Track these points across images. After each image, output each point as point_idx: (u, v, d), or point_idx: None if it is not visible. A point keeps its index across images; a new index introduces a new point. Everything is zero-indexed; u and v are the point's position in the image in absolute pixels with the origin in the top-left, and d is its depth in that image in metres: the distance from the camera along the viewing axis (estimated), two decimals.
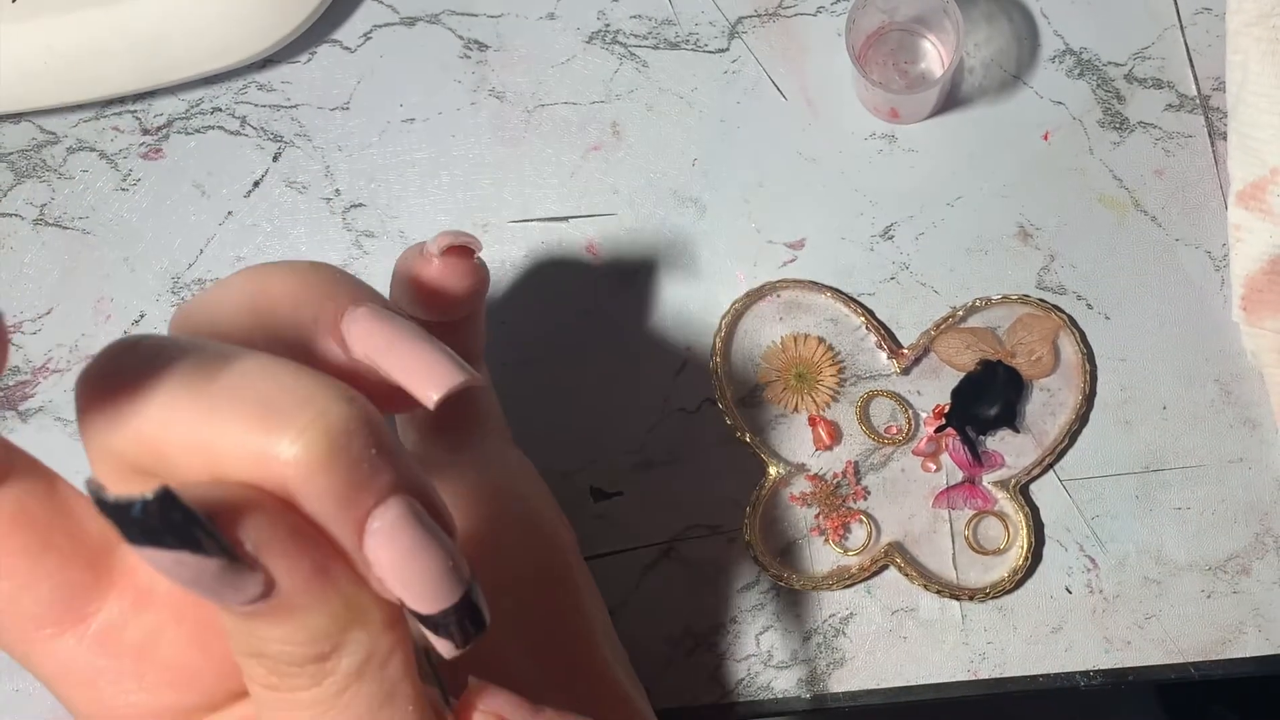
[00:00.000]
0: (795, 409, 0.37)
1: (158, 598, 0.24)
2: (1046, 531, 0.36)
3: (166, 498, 0.18)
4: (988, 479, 0.36)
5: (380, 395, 0.23)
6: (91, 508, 0.23)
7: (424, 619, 0.22)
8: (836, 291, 0.37)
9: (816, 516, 0.36)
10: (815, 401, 0.36)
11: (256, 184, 0.38)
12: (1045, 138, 0.38)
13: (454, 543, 0.22)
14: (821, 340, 0.37)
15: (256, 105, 0.39)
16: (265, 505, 0.20)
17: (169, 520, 0.18)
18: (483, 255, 0.29)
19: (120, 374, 0.21)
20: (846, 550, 0.36)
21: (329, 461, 0.20)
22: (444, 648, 0.22)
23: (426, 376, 0.23)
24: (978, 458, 0.36)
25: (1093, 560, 0.36)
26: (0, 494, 0.23)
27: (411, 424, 0.33)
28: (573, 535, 0.33)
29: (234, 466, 0.20)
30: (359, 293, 0.24)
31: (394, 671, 0.22)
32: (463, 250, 0.29)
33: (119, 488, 0.21)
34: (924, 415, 0.36)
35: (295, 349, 0.23)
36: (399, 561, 0.21)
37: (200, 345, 0.21)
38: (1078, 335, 0.36)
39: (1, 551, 0.23)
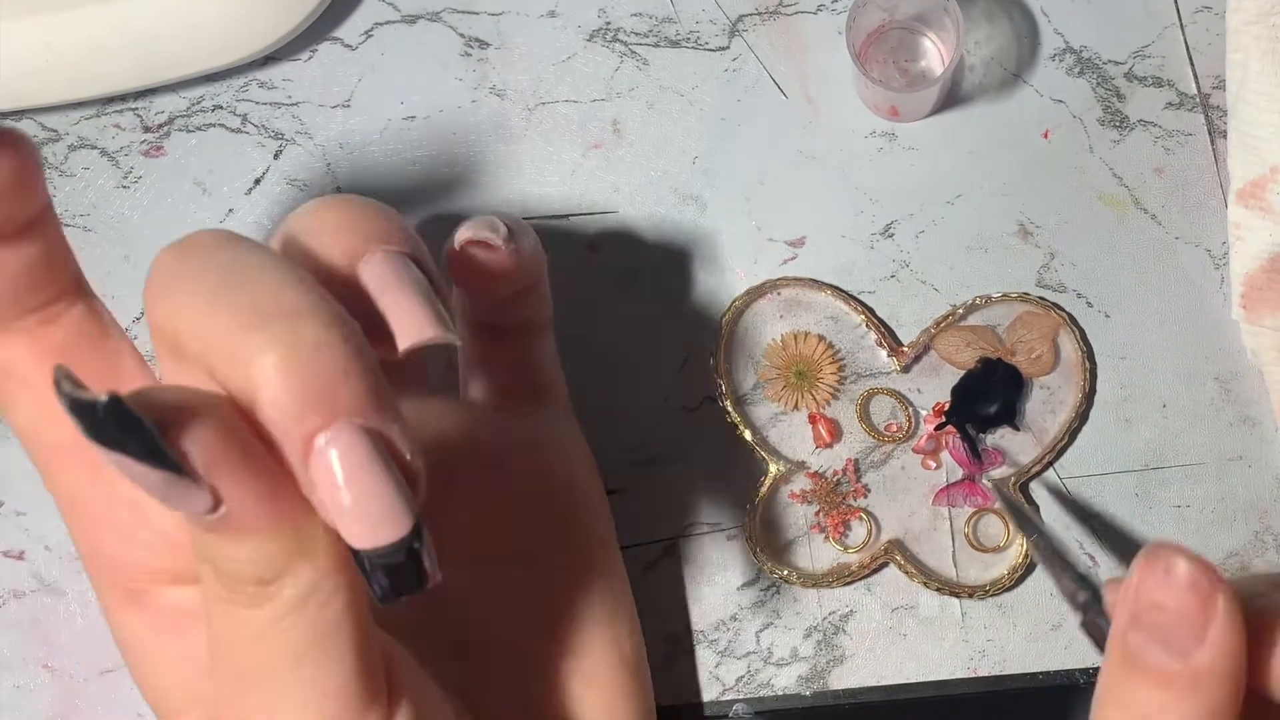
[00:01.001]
0: (795, 407, 0.37)
1: None
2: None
3: (115, 404, 0.19)
4: (987, 477, 0.36)
5: (376, 337, 0.24)
6: (130, 352, 0.26)
7: (356, 556, 0.21)
8: (837, 289, 0.37)
9: (816, 514, 0.36)
10: (815, 399, 0.36)
11: (258, 181, 0.39)
12: (1045, 136, 0.38)
13: (409, 490, 0.21)
14: (822, 338, 0.37)
15: (258, 103, 0.39)
16: (222, 420, 0.20)
17: (121, 425, 0.19)
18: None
19: (175, 256, 0.23)
20: (846, 548, 0.36)
21: (289, 371, 0.20)
22: (373, 592, 0.22)
23: (404, 324, 0.24)
24: (978, 455, 0.36)
25: (1092, 558, 0.36)
26: (68, 315, 0.26)
27: (479, 382, 0.34)
28: (610, 522, 0.34)
29: (218, 363, 0.21)
30: (395, 238, 0.25)
31: (334, 614, 0.22)
32: (483, 245, 0.29)
33: (163, 364, 0.23)
34: (924, 413, 0.36)
35: (322, 272, 0.24)
36: (337, 485, 0.21)
37: (242, 247, 0.23)
38: (1077, 333, 0.36)
39: (38, 380, 0.25)
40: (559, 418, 0.34)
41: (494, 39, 0.39)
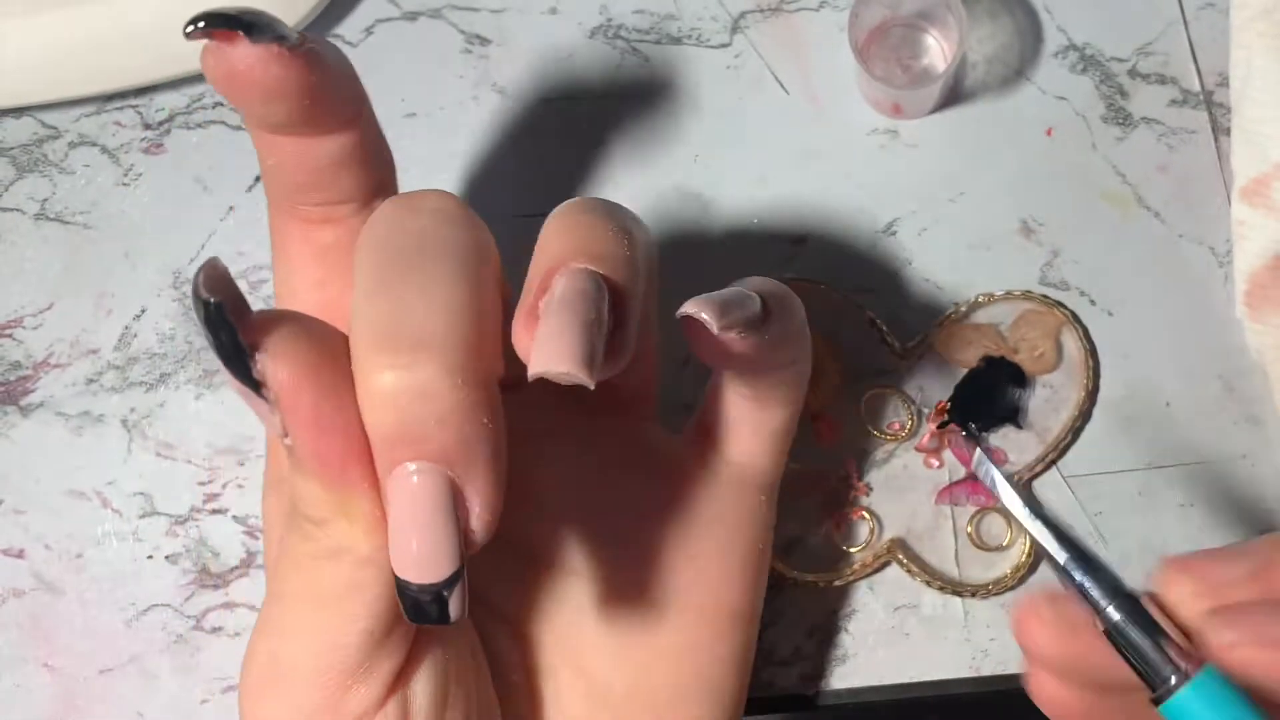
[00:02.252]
0: None
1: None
2: None
3: (217, 308, 0.21)
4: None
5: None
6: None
7: (394, 575, 0.23)
8: (839, 287, 0.37)
9: (819, 512, 0.36)
10: (817, 398, 0.36)
11: (258, 178, 0.38)
12: (1048, 133, 0.38)
13: (462, 543, 0.23)
14: (824, 336, 0.37)
15: None
16: (307, 366, 0.22)
17: (217, 327, 0.21)
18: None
19: (389, 215, 0.24)
20: (848, 546, 0.36)
21: (391, 405, 0.22)
22: (400, 604, 0.23)
23: (540, 348, 0.22)
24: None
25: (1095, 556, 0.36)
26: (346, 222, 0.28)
27: (702, 424, 0.32)
28: (752, 602, 0.32)
29: (352, 348, 0.22)
30: (605, 258, 0.24)
31: (361, 580, 0.24)
32: (696, 321, 0.25)
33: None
34: (926, 412, 0.36)
35: (534, 277, 0.24)
36: (400, 516, 0.22)
37: (438, 237, 0.24)
38: (1080, 331, 0.36)
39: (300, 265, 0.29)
40: (735, 491, 0.31)
41: (495, 36, 0.39)
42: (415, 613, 0.23)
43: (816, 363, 0.36)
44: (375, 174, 0.28)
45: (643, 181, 0.38)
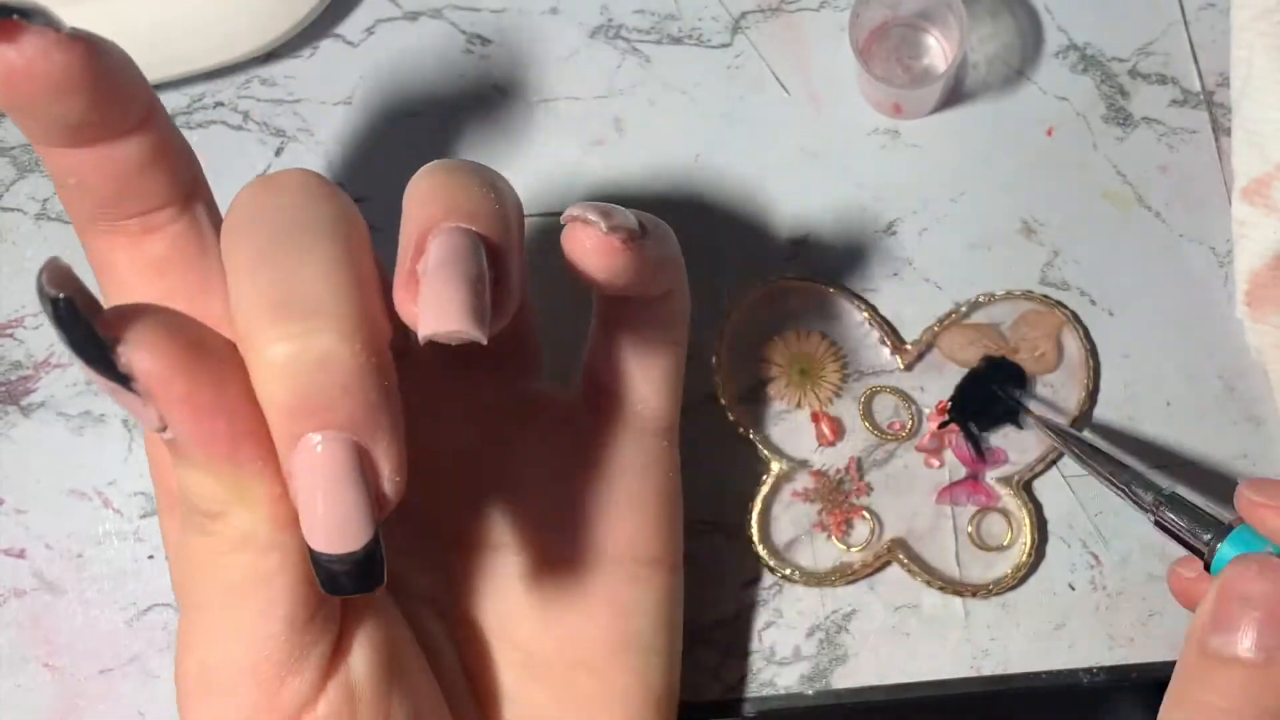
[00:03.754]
0: (798, 405, 0.36)
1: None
2: (1050, 528, 0.36)
3: (67, 304, 0.20)
4: (991, 475, 0.36)
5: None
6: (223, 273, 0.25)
7: (309, 549, 0.22)
8: (839, 287, 0.37)
9: (819, 512, 0.36)
10: (818, 397, 0.36)
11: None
12: (1049, 133, 0.38)
13: (376, 509, 0.22)
14: (824, 336, 0.37)
15: (259, 100, 0.39)
16: (175, 349, 0.21)
17: (71, 326, 0.20)
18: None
19: (251, 196, 0.24)
20: (849, 546, 0.36)
21: (289, 376, 0.21)
22: (317, 579, 0.23)
23: (429, 310, 0.22)
24: (981, 454, 0.36)
25: (1096, 557, 0.36)
26: (170, 228, 0.26)
27: (584, 374, 0.32)
28: (670, 549, 0.32)
29: (237, 329, 0.22)
30: (475, 215, 0.24)
31: (270, 567, 0.23)
32: (586, 225, 0.25)
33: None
34: (927, 411, 0.36)
35: (407, 242, 0.24)
36: (310, 489, 0.22)
37: (310, 210, 0.23)
38: (1081, 331, 0.36)
39: (132, 286, 0.27)
40: (635, 438, 0.31)
41: (496, 36, 0.39)
42: (332, 585, 0.22)
43: (818, 361, 0.37)
44: (184, 173, 0.27)
45: (643, 180, 0.38)
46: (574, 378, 0.33)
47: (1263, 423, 0.36)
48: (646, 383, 0.31)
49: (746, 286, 0.37)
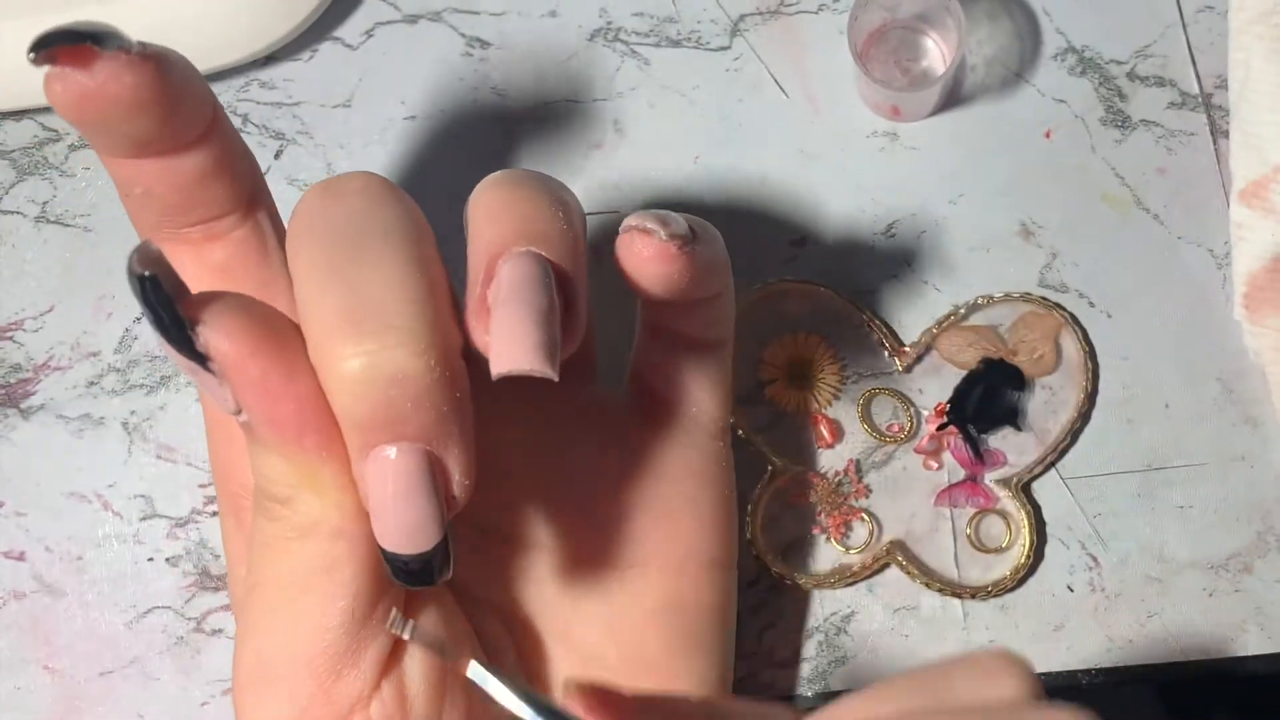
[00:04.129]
0: (797, 407, 0.37)
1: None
2: (1048, 530, 0.36)
3: (152, 281, 0.21)
4: (990, 477, 0.36)
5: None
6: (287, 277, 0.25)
7: (380, 546, 0.23)
8: (838, 289, 0.37)
9: (818, 514, 0.36)
10: (817, 399, 0.36)
11: None
12: (1047, 136, 0.38)
13: (445, 512, 0.23)
14: (823, 338, 0.37)
15: (258, 103, 0.39)
16: (251, 336, 0.22)
17: (155, 303, 0.21)
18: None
19: (317, 202, 0.24)
20: (848, 548, 0.36)
21: (363, 393, 0.21)
22: (387, 569, 0.23)
23: (501, 347, 0.22)
24: (979, 456, 0.36)
25: (1095, 558, 0.36)
26: (232, 234, 0.27)
27: (634, 382, 0.32)
28: (726, 551, 0.32)
29: (309, 339, 0.22)
30: (546, 238, 0.24)
31: (336, 556, 0.24)
32: (645, 234, 0.25)
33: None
34: (926, 413, 0.36)
35: (474, 262, 0.24)
36: (381, 496, 0.22)
37: (378, 217, 0.23)
38: (1080, 333, 0.36)
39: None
40: (691, 442, 0.31)
41: (495, 39, 0.39)
42: (405, 578, 0.23)
43: (817, 363, 0.37)
44: (246, 181, 0.27)
45: (643, 182, 0.38)
46: (620, 380, 0.33)
47: (1261, 425, 0.36)
48: (701, 389, 0.31)
49: (745, 288, 0.37)
